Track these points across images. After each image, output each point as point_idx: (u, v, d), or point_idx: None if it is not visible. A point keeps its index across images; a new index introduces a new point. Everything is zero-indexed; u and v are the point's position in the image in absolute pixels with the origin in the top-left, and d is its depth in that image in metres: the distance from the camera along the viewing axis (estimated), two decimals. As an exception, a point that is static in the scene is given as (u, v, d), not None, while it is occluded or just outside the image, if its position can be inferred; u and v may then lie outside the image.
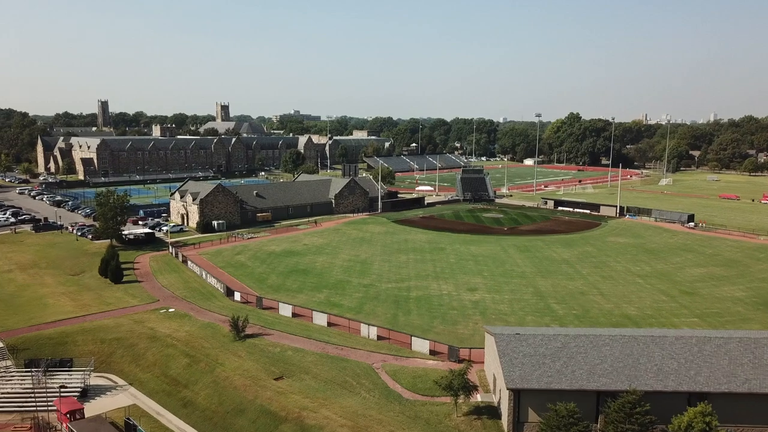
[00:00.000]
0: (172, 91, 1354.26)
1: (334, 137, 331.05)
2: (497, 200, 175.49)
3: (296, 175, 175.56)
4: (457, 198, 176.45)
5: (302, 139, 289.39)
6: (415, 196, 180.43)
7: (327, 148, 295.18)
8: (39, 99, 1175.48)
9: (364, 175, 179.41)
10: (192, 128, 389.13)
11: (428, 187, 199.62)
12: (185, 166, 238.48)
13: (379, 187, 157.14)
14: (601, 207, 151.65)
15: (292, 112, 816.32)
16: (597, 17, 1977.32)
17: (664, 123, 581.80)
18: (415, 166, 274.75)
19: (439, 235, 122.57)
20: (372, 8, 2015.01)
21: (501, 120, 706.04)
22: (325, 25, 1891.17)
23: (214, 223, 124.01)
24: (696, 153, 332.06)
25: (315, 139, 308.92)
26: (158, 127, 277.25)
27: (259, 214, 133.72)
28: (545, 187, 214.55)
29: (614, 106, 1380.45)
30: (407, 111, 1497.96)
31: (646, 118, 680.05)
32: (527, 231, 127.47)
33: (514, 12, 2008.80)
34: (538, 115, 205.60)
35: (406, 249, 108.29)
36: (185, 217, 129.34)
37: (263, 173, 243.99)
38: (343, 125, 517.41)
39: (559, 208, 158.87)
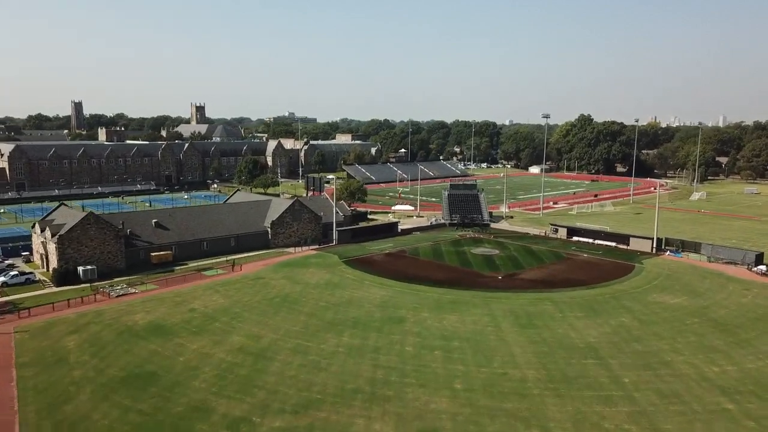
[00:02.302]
0: (169, 93, 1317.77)
1: (312, 141, 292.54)
2: (493, 224, 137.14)
3: (232, 193, 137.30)
4: (442, 222, 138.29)
5: (271, 144, 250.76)
6: (390, 218, 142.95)
7: (302, 154, 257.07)
8: (18, 101, 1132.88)
9: (334, 185, 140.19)
10: (162, 133, 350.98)
11: (408, 207, 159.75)
12: (123, 178, 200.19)
13: (335, 211, 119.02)
14: (631, 239, 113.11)
15: (287, 114, 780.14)
16: (598, 17, 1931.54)
17: (675, 125, 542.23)
18: (404, 175, 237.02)
19: (404, 289, 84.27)
20: (372, 8, 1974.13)
21: (507, 122, 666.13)
22: (324, 24, 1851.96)
23: (80, 269, 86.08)
24: (723, 160, 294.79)
25: (288, 143, 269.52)
26: (104, 130, 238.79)
27: (154, 254, 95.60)
28: (554, 203, 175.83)
29: (618, 108, 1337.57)
30: (407, 113, 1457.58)
31: (655, 120, 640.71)
32: (531, 281, 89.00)
33: (515, 12, 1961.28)
34: (546, 116, 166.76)
35: (343, 322, 70.06)
36: (45, 259, 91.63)
37: (215, 185, 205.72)
38: (334, 128, 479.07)
39: (575, 238, 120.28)
